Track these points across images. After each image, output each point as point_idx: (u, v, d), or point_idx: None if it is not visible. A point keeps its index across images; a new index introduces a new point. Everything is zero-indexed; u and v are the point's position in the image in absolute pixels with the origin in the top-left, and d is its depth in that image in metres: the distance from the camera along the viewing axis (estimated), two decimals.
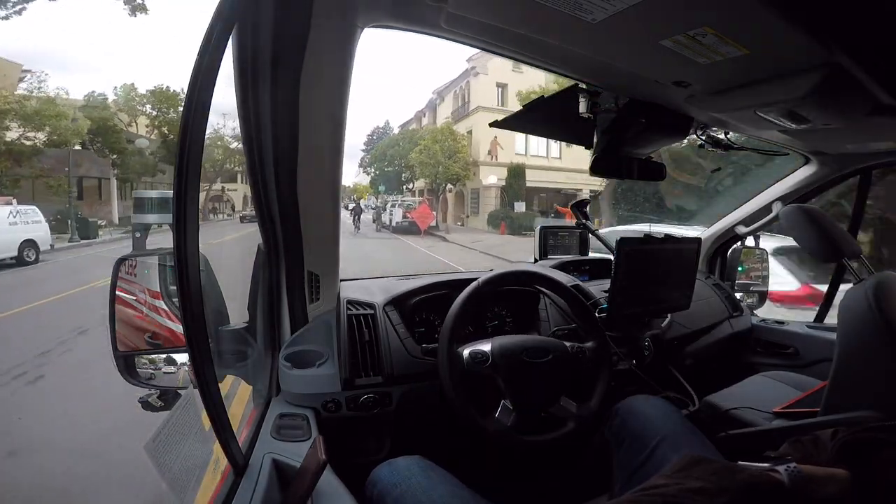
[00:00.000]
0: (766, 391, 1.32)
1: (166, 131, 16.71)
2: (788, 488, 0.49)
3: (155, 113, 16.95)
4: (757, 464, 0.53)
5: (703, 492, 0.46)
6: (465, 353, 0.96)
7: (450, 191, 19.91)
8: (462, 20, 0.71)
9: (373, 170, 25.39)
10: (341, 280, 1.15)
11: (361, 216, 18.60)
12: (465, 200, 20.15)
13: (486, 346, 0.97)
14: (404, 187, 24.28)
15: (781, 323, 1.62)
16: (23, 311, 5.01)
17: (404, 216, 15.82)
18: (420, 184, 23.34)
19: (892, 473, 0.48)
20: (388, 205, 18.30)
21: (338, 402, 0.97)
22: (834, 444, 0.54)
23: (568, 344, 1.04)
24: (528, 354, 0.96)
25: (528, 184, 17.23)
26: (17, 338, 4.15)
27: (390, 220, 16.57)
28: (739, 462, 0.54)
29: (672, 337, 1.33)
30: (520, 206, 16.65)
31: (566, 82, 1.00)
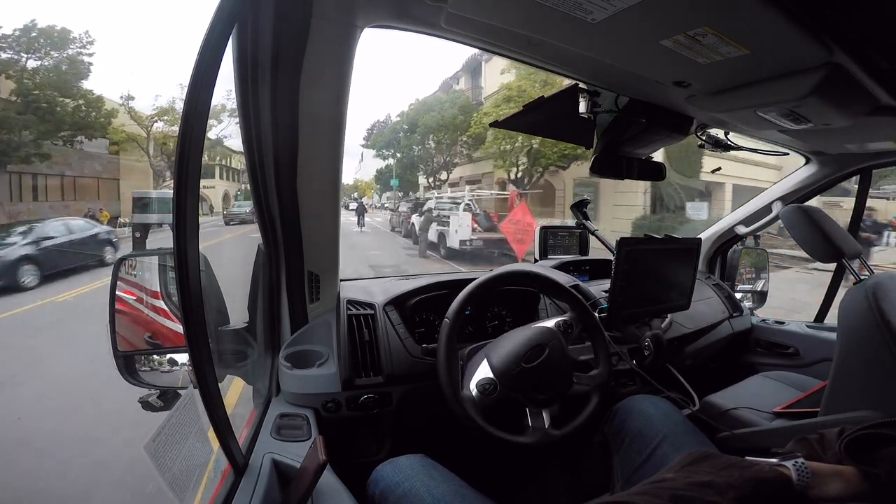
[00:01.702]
0: (766, 391, 1.32)
1: (32, 84, 10.27)
2: (796, 484, 0.49)
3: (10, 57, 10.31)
4: (765, 459, 0.53)
5: (711, 486, 0.46)
6: (473, 390, 0.91)
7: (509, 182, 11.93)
8: (462, 20, 0.71)
9: (391, 152, 18.12)
10: (341, 280, 1.15)
11: (365, 216, 16.39)
12: (561, 198, 12.39)
13: (486, 371, 0.92)
14: (430, 179, 17.18)
15: (781, 323, 1.62)
16: None
17: (474, 230, 8.52)
18: (461, 172, 16.46)
19: None
20: (433, 205, 10.64)
21: (338, 402, 0.97)
22: (840, 442, 0.54)
23: (551, 323, 1.02)
24: (526, 360, 0.93)
25: None
26: None
27: (443, 238, 9.11)
28: (747, 458, 0.54)
29: (672, 337, 1.33)
30: (698, 210, 9.81)
31: (566, 82, 1.00)
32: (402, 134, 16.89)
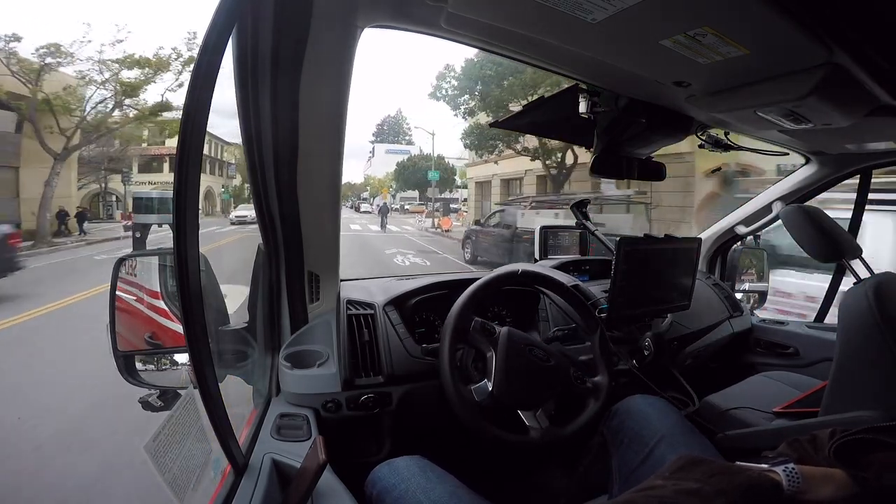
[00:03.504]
0: (766, 391, 1.32)
1: None
2: (786, 489, 0.49)
3: None
4: (755, 464, 0.53)
5: (699, 493, 0.46)
6: (477, 318, 0.96)
7: None
8: (462, 20, 0.71)
9: (471, 104, 11.56)
10: (341, 280, 1.15)
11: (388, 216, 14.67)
12: None
13: (494, 325, 0.97)
14: (549, 161, 11.04)
15: (782, 323, 1.63)
16: None
17: None
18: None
19: (889, 475, 0.48)
20: None
21: (338, 402, 0.97)
22: (831, 445, 0.54)
23: (572, 369, 1.01)
24: (531, 350, 0.95)
25: None
26: None
27: None
28: (737, 463, 0.54)
29: (672, 337, 1.33)
30: None
31: (566, 82, 1.00)
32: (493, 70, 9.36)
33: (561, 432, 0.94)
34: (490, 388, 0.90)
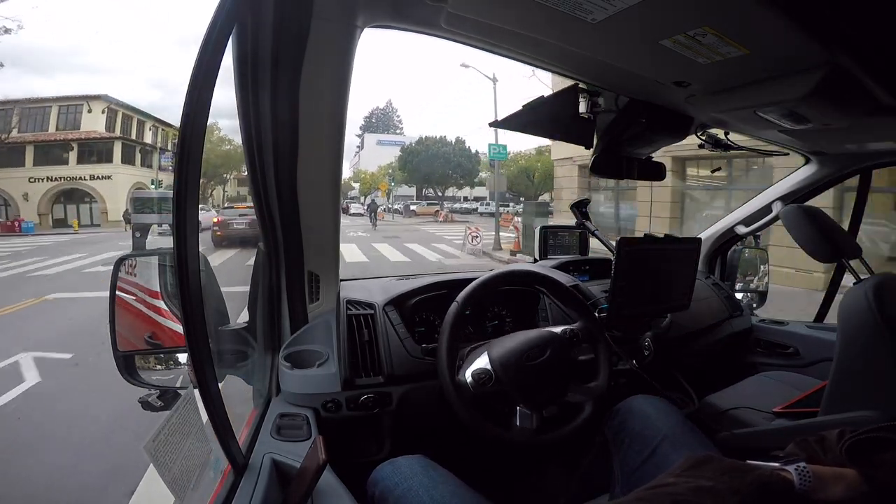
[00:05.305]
0: (766, 391, 1.32)
1: None
2: (798, 488, 0.49)
3: None
4: (766, 463, 0.53)
5: (712, 491, 0.46)
6: (468, 377, 0.93)
7: None
8: (462, 20, 0.71)
9: None
10: (341, 280, 1.15)
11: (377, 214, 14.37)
12: None
13: (484, 362, 0.94)
14: None
15: (782, 323, 1.62)
16: None
17: None
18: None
19: None
20: None
21: (338, 402, 0.97)
22: (842, 445, 0.54)
23: (558, 329, 1.04)
24: (527, 357, 0.95)
25: None
26: None
27: None
28: (748, 461, 0.54)
29: (672, 337, 1.33)
30: None
31: (566, 82, 1.00)
32: None
33: (602, 386, 1.01)
34: (529, 411, 0.93)
